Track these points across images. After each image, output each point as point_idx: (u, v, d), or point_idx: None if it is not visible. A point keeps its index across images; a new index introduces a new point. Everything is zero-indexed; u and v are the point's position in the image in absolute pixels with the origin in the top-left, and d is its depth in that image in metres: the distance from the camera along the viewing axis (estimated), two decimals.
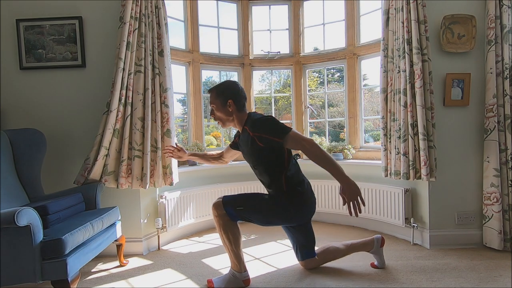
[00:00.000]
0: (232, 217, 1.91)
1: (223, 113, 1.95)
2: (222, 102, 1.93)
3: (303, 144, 1.76)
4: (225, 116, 1.95)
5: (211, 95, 1.98)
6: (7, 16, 2.55)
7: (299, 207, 1.96)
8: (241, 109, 1.96)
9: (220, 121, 2.00)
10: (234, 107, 1.93)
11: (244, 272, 1.98)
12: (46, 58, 2.56)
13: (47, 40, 2.56)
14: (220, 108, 1.94)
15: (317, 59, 3.56)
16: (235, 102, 1.93)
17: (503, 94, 2.41)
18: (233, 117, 1.96)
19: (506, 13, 2.39)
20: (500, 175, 2.40)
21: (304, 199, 1.97)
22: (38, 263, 1.62)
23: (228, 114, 1.95)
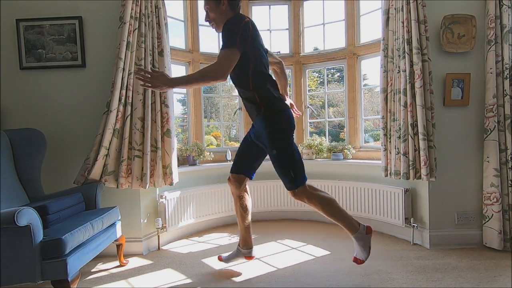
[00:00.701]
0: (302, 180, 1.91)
1: (217, 12, 1.91)
2: (215, 1, 1.90)
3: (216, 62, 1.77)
4: (218, 15, 1.91)
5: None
6: (7, 16, 2.55)
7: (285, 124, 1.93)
8: (234, 9, 1.93)
9: (214, 23, 1.96)
10: (228, 6, 1.90)
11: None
12: (46, 58, 2.56)
13: (47, 40, 2.56)
14: (213, 7, 1.91)
15: (317, 59, 3.56)
16: (228, 1, 1.90)
17: (503, 94, 2.41)
18: (226, 17, 1.90)
19: (506, 13, 2.39)
20: (500, 175, 2.40)
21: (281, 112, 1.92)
22: (38, 263, 1.62)
23: (220, 13, 1.90)
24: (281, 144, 1.91)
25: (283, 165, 1.91)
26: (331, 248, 2.57)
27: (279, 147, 1.91)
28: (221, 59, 1.76)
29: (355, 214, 3.06)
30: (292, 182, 1.90)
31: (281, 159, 1.90)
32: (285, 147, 1.91)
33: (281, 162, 1.91)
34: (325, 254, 2.47)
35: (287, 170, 1.90)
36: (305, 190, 1.92)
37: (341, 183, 3.15)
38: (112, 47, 2.49)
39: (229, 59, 1.76)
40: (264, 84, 1.92)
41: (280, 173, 1.93)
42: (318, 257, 2.42)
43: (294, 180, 1.90)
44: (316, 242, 2.73)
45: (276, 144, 1.91)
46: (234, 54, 1.77)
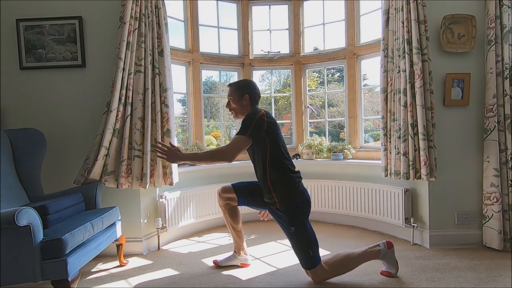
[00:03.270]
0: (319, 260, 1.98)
1: (238, 105, 2.12)
2: (239, 95, 2.11)
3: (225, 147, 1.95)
4: (239, 108, 2.12)
5: (230, 88, 2.16)
6: (7, 16, 2.55)
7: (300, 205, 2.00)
8: (253, 105, 2.13)
9: (233, 112, 2.16)
10: (249, 102, 2.10)
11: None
12: (46, 58, 2.56)
13: (47, 40, 2.56)
14: (236, 100, 2.12)
15: (317, 59, 3.56)
16: (250, 97, 2.10)
17: (503, 94, 2.41)
18: (245, 111, 2.10)
19: (506, 13, 2.39)
20: (500, 175, 2.40)
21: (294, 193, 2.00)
22: (38, 263, 1.62)
23: (242, 107, 2.11)
24: (299, 221, 1.97)
25: (303, 243, 1.96)
26: (331, 248, 2.57)
27: (298, 224, 1.97)
28: (232, 143, 1.93)
29: (356, 214, 3.06)
30: (311, 261, 1.95)
31: (300, 236, 1.96)
32: (304, 224, 1.98)
33: (300, 239, 1.97)
34: (325, 254, 2.46)
35: (307, 249, 1.95)
36: (320, 269, 1.97)
37: (341, 183, 3.15)
38: (112, 47, 2.49)
39: (239, 144, 1.92)
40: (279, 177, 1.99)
41: (299, 251, 1.98)
42: None
43: (313, 259, 1.95)
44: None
45: (295, 222, 1.97)
46: (244, 141, 1.93)
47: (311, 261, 1.95)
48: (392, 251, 2.05)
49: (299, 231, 1.96)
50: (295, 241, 1.98)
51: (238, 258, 2.30)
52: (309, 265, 1.96)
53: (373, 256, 2.03)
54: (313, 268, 1.95)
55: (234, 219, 2.26)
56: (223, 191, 2.23)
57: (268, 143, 1.97)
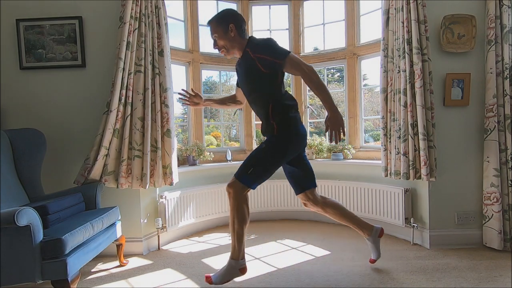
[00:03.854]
0: (250, 184, 1.91)
1: (226, 39, 1.96)
2: (224, 28, 1.94)
3: (302, 68, 1.84)
4: (229, 42, 1.96)
5: (211, 25, 1.99)
6: (7, 16, 2.55)
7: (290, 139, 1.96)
8: (242, 34, 1.98)
9: (224, 49, 2.00)
10: (236, 31, 1.95)
11: (241, 259, 1.96)
12: (46, 58, 2.56)
13: (47, 40, 2.56)
14: (222, 35, 1.95)
15: (317, 59, 3.55)
16: (236, 26, 1.94)
17: (503, 94, 2.41)
18: (236, 43, 1.97)
19: (506, 13, 2.39)
20: (500, 175, 2.40)
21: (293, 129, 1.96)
22: (38, 263, 1.62)
23: (231, 39, 1.96)
24: (275, 148, 1.94)
25: (255, 159, 1.93)
26: (331, 248, 2.57)
27: (270, 148, 1.94)
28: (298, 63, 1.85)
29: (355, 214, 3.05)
30: (243, 175, 1.89)
31: (260, 155, 1.94)
32: (274, 153, 1.93)
33: (257, 155, 1.94)
34: (325, 254, 2.47)
35: (252, 165, 1.91)
36: (239, 189, 1.90)
37: (341, 183, 3.15)
38: (112, 47, 2.49)
39: (298, 58, 1.88)
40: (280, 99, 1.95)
41: (245, 161, 1.95)
42: (318, 257, 2.42)
43: (245, 176, 1.89)
44: (316, 242, 2.73)
45: (270, 144, 1.94)
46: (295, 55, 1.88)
47: (243, 175, 1.89)
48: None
49: (265, 152, 1.93)
50: (253, 154, 1.96)
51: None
52: (239, 175, 1.90)
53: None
54: (237, 180, 1.89)
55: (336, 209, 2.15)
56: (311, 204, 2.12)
57: (279, 74, 1.92)
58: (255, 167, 1.92)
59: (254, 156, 1.96)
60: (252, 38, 2.01)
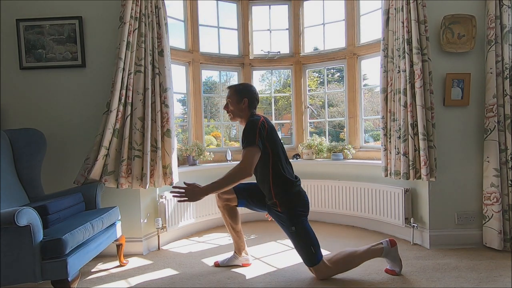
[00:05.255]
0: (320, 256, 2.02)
1: (236, 108, 2.14)
2: (238, 98, 2.12)
3: (241, 163, 1.90)
4: (237, 111, 2.14)
5: (230, 90, 2.18)
6: (7, 16, 2.55)
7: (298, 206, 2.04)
8: (251, 109, 2.15)
9: (231, 114, 2.18)
10: (247, 105, 2.12)
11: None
12: (46, 58, 2.56)
13: (47, 40, 2.56)
14: (234, 103, 2.13)
15: (317, 59, 3.55)
16: (249, 102, 2.12)
17: (503, 94, 2.41)
18: (243, 114, 2.14)
19: (506, 13, 2.39)
20: (500, 175, 2.39)
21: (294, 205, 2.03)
22: (38, 263, 1.62)
23: (240, 110, 2.13)
24: (299, 221, 2.00)
25: (304, 241, 2.00)
26: (331, 248, 2.57)
27: (298, 224, 2.00)
28: (246, 157, 1.90)
29: (355, 214, 3.06)
30: (314, 258, 1.99)
31: (301, 235, 2.00)
32: (303, 224, 2.01)
33: (301, 238, 2.00)
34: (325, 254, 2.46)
35: (309, 247, 1.99)
36: (325, 265, 2.01)
37: (341, 183, 3.15)
38: (112, 47, 2.49)
39: (252, 155, 1.91)
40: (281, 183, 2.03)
41: (301, 249, 2.02)
42: None
43: (315, 256, 1.99)
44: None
45: (295, 222, 2.00)
46: (256, 151, 1.92)
47: (314, 258, 1.99)
48: (395, 249, 2.07)
49: (299, 230, 1.99)
50: (297, 240, 2.01)
51: (239, 258, 2.31)
52: (312, 262, 1.99)
53: (376, 254, 2.05)
54: (315, 265, 1.99)
55: (233, 220, 2.26)
56: (222, 192, 2.20)
57: (270, 152, 2.00)
58: (309, 243, 1.99)
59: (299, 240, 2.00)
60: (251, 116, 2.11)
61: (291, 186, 2.03)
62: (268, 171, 2.02)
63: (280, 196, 2.01)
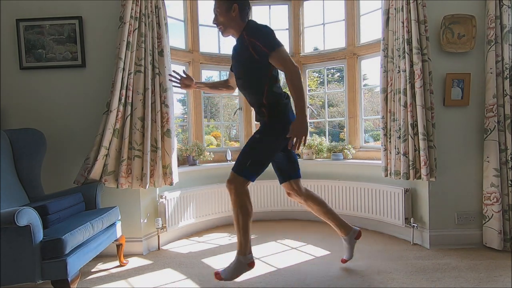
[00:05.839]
0: (249, 177, 1.91)
1: (226, 17, 1.94)
2: (227, 6, 1.92)
3: (288, 65, 1.78)
4: (228, 21, 1.94)
5: (216, 0, 1.97)
6: (7, 16, 2.55)
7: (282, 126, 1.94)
8: (243, 17, 1.96)
9: (221, 26, 1.98)
10: (238, 12, 1.92)
11: (249, 254, 1.96)
12: (46, 58, 2.56)
13: (47, 40, 2.56)
14: (223, 12, 1.93)
15: (317, 59, 3.55)
16: (239, 8, 1.92)
17: (503, 94, 2.41)
18: (235, 24, 1.95)
19: (506, 13, 2.38)
20: (500, 175, 2.39)
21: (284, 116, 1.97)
22: (38, 263, 1.62)
23: (230, 19, 1.93)
24: (269, 137, 1.94)
25: (251, 152, 1.93)
26: (331, 248, 2.57)
27: (264, 137, 1.94)
28: (285, 57, 1.80)
29: (355, 214, 3.06)
30: (241, 168, 1.89)
31: (255, 145, 1.94)
32: (270, 142, 1.94)
33: (252, 147, 1.94)
34: (325, 254, 2.47)
35: (249, 158, 1.91)
36: (239, 183, 1.89)
37: (341, 183, 3.15)
38: (112, 47, 2.49)
39: (287, 54, 1.83)
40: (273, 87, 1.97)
41: (242, 154, 1.94)
42: (318, 257, 2.42)
43: (244, 169, 1.89)
44: (316, 242, 2.73)
45: (264, 133, 1.94)
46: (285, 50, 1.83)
47: (241, 169, 1.89)
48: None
49: (259, 143, 1.93)
50: (248, 145, 1.95)
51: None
52: (237, 169, 1.90)
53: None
54: (237, 174, 1.89)
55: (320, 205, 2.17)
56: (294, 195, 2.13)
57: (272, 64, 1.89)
58: (253, 159, 1.91)
59: (250, 148, 1.95)
60: (250, 21, 1.98)
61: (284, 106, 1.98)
62: (266, 80, 1.92)
63: (270, 106, 1.94)
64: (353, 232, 2.20)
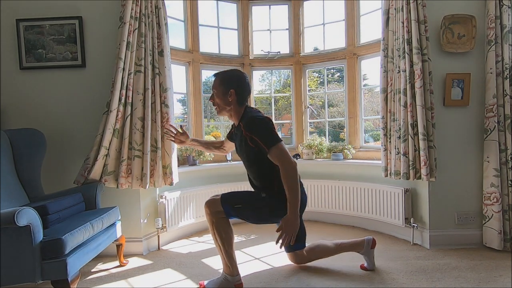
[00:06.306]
0: (228, 214, 1.89)
1: (222, 101, 1.90)
2: (224, 89, 1.88)
3: (284, 162, 1.74)
4: (224, 104, 1.91)
5: (215, 80, 1.94)
6: (7, 16, 2.55)
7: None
8: (241, 103, 1.92)
9: (217, 107, 1.95)
10: (235, 98, 1.89)
11: (236, 275, 1.93)
12: (46, 58, 2.56)
13: (47, 40, 2.56)
14: (220, 95, 1.90)
15: (317, 59, 3.55)
16: (236, 94, 1.88)
17: (503, 94, 2.41)
18: (231, 108, 1.92)
19: (506, 13, 2.39)
20: (500, 175, 2.39)
21: None
22: (38, 263, 1.62)
23: (226, 103, 1.90)
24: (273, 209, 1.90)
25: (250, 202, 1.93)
26: None
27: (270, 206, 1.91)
28: (283, 156, 1.75)
29: (355, 214, 3.06)
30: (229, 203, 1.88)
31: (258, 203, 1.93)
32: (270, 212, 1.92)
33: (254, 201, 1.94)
34: None
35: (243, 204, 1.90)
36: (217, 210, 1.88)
37: (341, 183, 3.15)
38: (112, 47, 2.49)
39: (286, 150, 1.78)
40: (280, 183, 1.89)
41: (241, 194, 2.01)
42: None
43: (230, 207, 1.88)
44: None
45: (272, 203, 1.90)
46: (283, 146, 1.79)
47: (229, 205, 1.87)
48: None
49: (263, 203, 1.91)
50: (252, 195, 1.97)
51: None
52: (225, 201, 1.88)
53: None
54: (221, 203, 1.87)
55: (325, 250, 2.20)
56: None
57: None
58: (245, 209, 1.89)
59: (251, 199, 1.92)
60: (247, 111, 1.92)
61: None
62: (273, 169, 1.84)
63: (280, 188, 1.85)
64: (367, 243, 2.13)
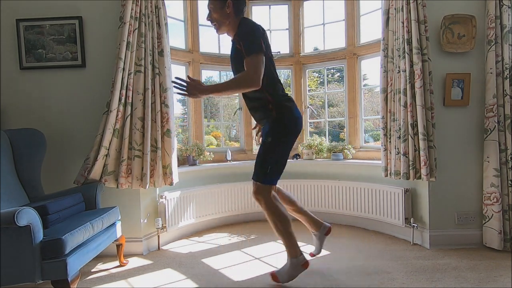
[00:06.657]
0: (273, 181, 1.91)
1: (220, 14, 1.89)
2: (221, 3, 1.87)
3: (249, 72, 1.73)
4: (222, 18, 1.89)
5: None
6: (7, 16, 2.55)
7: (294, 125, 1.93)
8: (237, 14, 1.90)
9: (216, 24, 1.93)
10: (232, 9, 1.87)
11: (300, 255, 1.98)
12: (46, 58, 2.56)
13: (47, 40, 2.56)
14: (217, 9, 1.88)
15: (317, 59, 3.55)
16: (233, 4, 1.87)
17: (503, 94, 2.41)
18: (229, 22, 1.90)
19: (506, 13, 2.39)
20: (500, 175, 2.39)
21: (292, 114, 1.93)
22: (38, 263, 1.62)
23: (225, 16, 1.88)
24: (280, 137, 1.90)
25: (267, 157, 1.90)
26: (331, 248, 2.57)
27: (277, 138, 1.89)
28: (254, 65, 1.73)
29: (355, 214, 3.06)
30: (263, 177, 1.88)
31: (270, 149, 1.90)
32: (282, 141, 1.90)
33: (267, 152, 1.90)
34: (325, 254, 2.47)
35: (267, 164, 1.88)
36: (266, 191, 1.90)
37: (341, 183, 3.15)
38: (112, 47, 2.49)
39: (260, 64, 1.74)
40: (275, 86, 1.94)
41: (259, 162, 1.91)
42: (318, 257, 2.42)
43: (266, 177, 1.88)
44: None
45: (275, 135, 1.90)
46: (262, 59, 1.76)
47: (263, 177, 1.88)
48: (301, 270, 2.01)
49: (272, 146, 1.89)
50: (262, 152, 1.92)
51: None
52: (259, 178, 1.89)
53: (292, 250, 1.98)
54: (260, 183, 1.89)
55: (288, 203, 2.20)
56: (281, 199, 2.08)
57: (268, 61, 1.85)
58: (272, 164, 1.89)
59: (265, 153, 1.92)
60: (243, 20, 1.91)
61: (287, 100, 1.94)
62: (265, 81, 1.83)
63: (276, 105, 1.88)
64: (324, 227, 2.25)
